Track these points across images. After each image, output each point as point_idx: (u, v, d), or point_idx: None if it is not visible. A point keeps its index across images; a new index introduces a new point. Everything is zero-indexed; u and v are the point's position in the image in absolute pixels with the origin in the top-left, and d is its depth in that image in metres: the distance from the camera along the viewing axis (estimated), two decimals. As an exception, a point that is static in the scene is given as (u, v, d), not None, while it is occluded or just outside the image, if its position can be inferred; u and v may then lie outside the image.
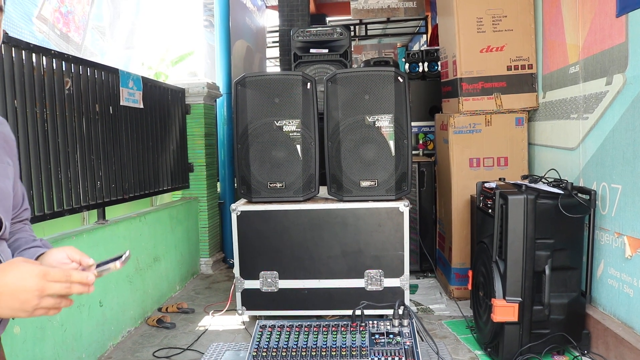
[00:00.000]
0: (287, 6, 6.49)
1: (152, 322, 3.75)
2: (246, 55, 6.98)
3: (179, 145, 4.90)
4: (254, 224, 3.52)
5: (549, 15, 3.69)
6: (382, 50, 11.12)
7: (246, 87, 3.51)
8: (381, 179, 3.46)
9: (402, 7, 7.36)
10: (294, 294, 3.53)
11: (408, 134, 3.45)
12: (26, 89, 2.73)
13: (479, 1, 3.93)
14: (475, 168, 4.01)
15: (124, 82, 3.80)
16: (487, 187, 3.19)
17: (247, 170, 3.56)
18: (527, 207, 2.84)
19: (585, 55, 3.18)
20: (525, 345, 2.88)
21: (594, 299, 3.08)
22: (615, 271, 2.88)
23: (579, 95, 3.26)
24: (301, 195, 3.53)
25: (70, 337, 2.95)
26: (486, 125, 3.98)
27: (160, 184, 4.50)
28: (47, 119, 2.91)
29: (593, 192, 2.93)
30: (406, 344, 1.75)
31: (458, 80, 3.98)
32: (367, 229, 3.46)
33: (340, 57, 4.42)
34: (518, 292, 2.86)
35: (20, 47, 2.70)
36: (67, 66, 3.13)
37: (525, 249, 2.85)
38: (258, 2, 8.31)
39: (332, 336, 1.81)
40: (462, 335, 3.42)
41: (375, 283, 3.46)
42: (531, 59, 3.92)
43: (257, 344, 1.79)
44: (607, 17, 2.92)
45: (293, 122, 3.49)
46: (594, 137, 3.09)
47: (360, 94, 3.43)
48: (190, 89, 5.06)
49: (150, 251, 4.08)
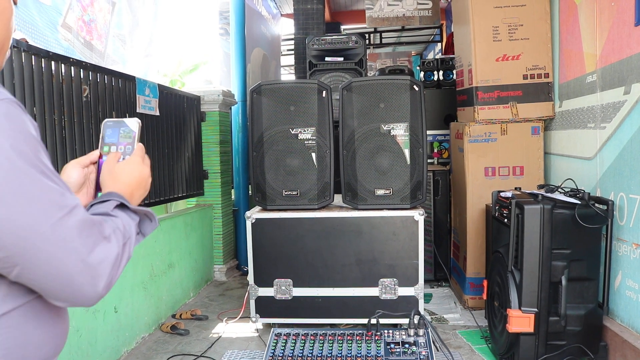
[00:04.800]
0: (303, 14, 6.52)
1: (166, 329, 3.76)
2: (262, 63, 7.02)
3: (194, 152, 4.93)
4: (269, 231, 3.53)
5: (565, 24, 3.67)
6: (397, 58, 11.12)
7: (262, 94, 3.53)
8: (396, 188, 3.45)
9: (417, 15, 7.36)
10: (308, 302, 3.52)
11: (423, 142, 3.44)
12: (45, 96, 2.76)
13: (495, 10, 3.92)
14: (491, 177, 3.99)
15: (141, 90, 3.83)
16: (503, 197, 3.17)
17: (262, 177, 3.56)
18: (544, 217, 2.82)
19: (603, 64, 3.15)
20: (541, 356, 2.85)
21: (612, 311, 3.04)
22: (633, 283, 2.84)
23: (596, 104, 3.24)
24: (316, 203, 3.53)
25: (85, 342, 2.97)
26: (502, 134, 3.96)
27: (175, 191, 4.52)
28: (65, 125, 2.94)
29: (610, 202, 2.89)
30: (422, 353, 1.74)
31: (474, 89, 3.97)
32: (382, 238, 3.45)
33: (355, 65, 4.42)
34: (534, 303, 2.83)
35: (40, 55, 2.74)
36: (85, 74, 3.16)
37: (542, 259, 2.82)
38: (273, 10, 8.36)
39: (347, 345, 1.81)
40: (477, 345, 3.39)
41: (390, 292, 3.45)
42: (547, 67, 3.90)
43: (272, 352, 1.79)
44: (625, 25, 2.89)
45: (308, 130, 3.50)
46: (611, 147, 3.06)
47: (376, 103, 3.43)
48: (205, 96, 5.09)
49: (164, 258, 4.10)
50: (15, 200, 0.84)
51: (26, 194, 0.85)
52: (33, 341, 0.95)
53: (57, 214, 0.88)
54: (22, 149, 0.85)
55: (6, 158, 0.83)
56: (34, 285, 0.90)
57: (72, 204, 0.91)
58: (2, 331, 0.90)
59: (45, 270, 0.87)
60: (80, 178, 1.20)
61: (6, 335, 0.90)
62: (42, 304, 0.96)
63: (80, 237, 0.90)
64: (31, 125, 0.91)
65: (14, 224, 0.84)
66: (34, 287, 0.90)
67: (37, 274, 0.88)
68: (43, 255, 0.87)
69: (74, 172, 1.20)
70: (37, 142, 0.90)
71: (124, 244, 1.00)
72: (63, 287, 0.90)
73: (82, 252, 0.90)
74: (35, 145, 0.89)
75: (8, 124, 0.85)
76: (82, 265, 0.90)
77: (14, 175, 0.84)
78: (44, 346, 0.97)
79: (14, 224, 0.84)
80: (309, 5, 6.50)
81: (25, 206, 0.85)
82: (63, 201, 0.90)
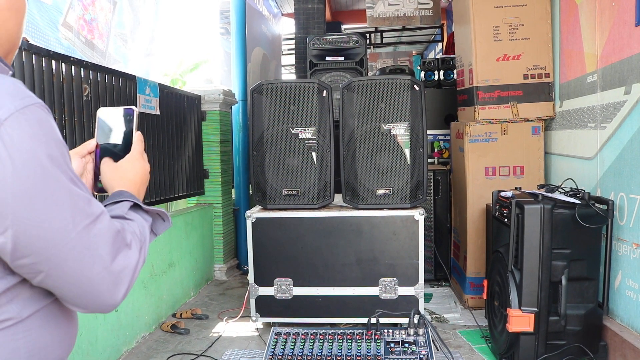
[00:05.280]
0: (303, 14, 6.53)
1: (167, 328, 3.77)
2: (262, 62, 7.02)
3: (194, 151, 4.93)
4: (269, 231, 3.53)
5: (566, 24, 3.67)
6: (398, 58, 11.13)
7: (262, 94, 3.53)
8: (396, 187, 3.45)
9: (418, 15, 7.35)
10: (308, 301, 3.53)
11: (424, 142, 3.44)
12: (45, 95, 2.76)
13: (496, 10, 3.93)
14: (491, 177, 3.99)
15: (141, 89, 3.84)
16: (503, 196, 3.18)
17: (262, 177, 3.57)
18: (544, 217, 2.82)
19: (604, 64, 3.15)
20: (541, 356, 2.86)
21: (612, 311, 3.05)
22: (633, 282, 2.85)
23: (596, 104, 3.24)
24: (316, 202, 3.53)
25: (86, 342, 2.97)
26: (502, 134, 3.96)
27: (176, 190, 4.52)
28: (66, 124, 2.95)
29: (611, 202, 2.90)
30: (421, 353, 1.75)
31: (474, 89, 3.97)
32: (382, 237, 3.46)
33: (356, 65, 4.43)
34: (534, 302, 2.84)
35: (40, 54, 2.74)
36: (86, 73, 3.17)
37: (542, 258, 2.82)
38: (274, 9, 8.36)
39: (347, 344, 1.81)
40: (477, 345, 3.39)
41: (390, 291, 3.45)
42: (548, 67, 3.90)
43: (272, 351, 1.79)
44: (626, 26, 2.90)
45: (309, 130, 3.50)
46: (611, 147, 3.06)
47: (376, 102, 3.43)
48: (206, 95, 5.09)
49: (165, 257, 4.10)
50: (46, 207, 0.84)
51: (57, 201, 0.85)
52: (52, 343, 0.96)
53: (83, 222, 0.88)
54: (53, 155, 0.85)
55: (39, 164, 0.83)
56: (56, 291, 0.91)
57: (97, 212, 0.92)
58: (25, 334, 0.91)
59: (69, 277, 0.88)
60: (79, 168, 1.20)
61: (29, 337, 0.91)
62: (58, 306, 0.97)
63: (105, 245, 0.91)
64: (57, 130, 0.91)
65: (43, 230, 0.84)
66: (55, 292, 0.91)
67: (61, 280, 0.88)
68: (68, 263, 0.87)
69: (73, 162, 1.19)
70: (65, 148, 0.90)
71: (140, 249, 1.01)
72: (85, 294, 0.91)
73: (106, 260, 0.91)
74: (64, 151, 0.89)
75: (41, 130, 0.85)
76: (105, 274, 0.90)
77: (46, 182, 0.84)
78: (59, 347, 0.98)
79: (44, 231, 0.84)
80: (309, 5, 6.50)
81: (56, 213, 0.85)
82: (90, 208, 0.90)
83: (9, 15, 0.97)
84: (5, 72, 0.97)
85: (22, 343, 0.90)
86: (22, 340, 0.90)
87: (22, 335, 0.90)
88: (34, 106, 0.85)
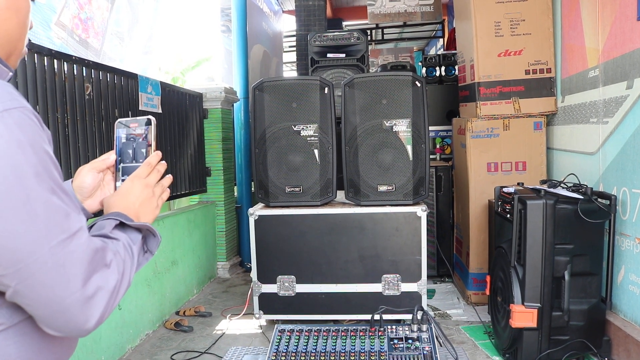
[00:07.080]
0: (304, 11, 6.52)
1: (170, 326, 3.78)
2: (263, 59, 7.02)
3: (196, 149, 4.93)
4: (272, 228, 3.53)
5: (567, 18, 3.66)
6: (399, 54, 11.10)
7: (264, 91, 3.53)
8: (399, 184, 3.45)
9: (419, 11, 7.34)
10: (311, 298, 3.53)
11: (426, 138, 3.44)
12: (48, 94, 2.77)
13: (497, 5, 3.92)
14: (493, 173, 3.99)
15: (143, 87, 3.84)
16: (506, 192, 3.18)
17: (264, 174, 3.57)
18: (546, 212, 2.82)
19: (605, 59, 3.15)
20: (544, 351, 2.86)
21: (615, 306, 3.05)
22: (636, 277, 2.85)
23: (598, 99, 3.24)
24: (318, 199, 3.54)
25: (90, 339, 2.98)
26: (504, 129, 3.96)
27: (178, 188, 4.53)
28: (68, 123, 2.95)
29: (613, 197, 2.89)
30: (425, 349, 1.75)
31: (476, 85, 3.97)
32: (385, 234, 3.46)
33: (357, 62, 4.43)
34: (537, 298, 2.84)
35: (42, 53, 2.74)
36: (88, 72, 3.17)
37: (544, 254, 2.82)
38: (275, 7, 8.36)
39: (350, 341, 1.82)
40: (480, 340, 3.39)
41: (393, 288, 3.45)
42: (550, 62, 3.89)
43: (275, 348, 1.79)
44: (627, 20, 2.89)
45: (310, 127, 3.50)
46: (614, 142, 3.06)
47: (378, 99, 3.42)
48: (207, 93, 5.09)
49: (168, 255, 4.11)
50: (16, 217, 0.79)
51: (29, 211, 0.80)
52: (45, 348, 0.94)
53: (59, 237, 0.84)
54: (31, 162, 0.81)
55: (12, 171, 0.79)
56: (28, 309, 0.86)
57: (75, 228, 0.87)
58: (17, 339, 0.89)
59: (38, 296, 0.83)
60: (95, 182, 1.18)
61: (21, 342, 0.89)
62: None
63: (81, 264, 0.86)
64: (45, 136, 0.87)
65: (11, 241, 0.79)
66: (28, 311, 0.86)
67: (30, 297, 0.83)
68: (38, 279, 0.82)
69: (89, 176, 1.18)
70: (49, 156, 0.86)
71: (122, 270, 0.95)
72: (55, 314, 0.85)
73: (78, 280, 0.85)
74: (46, 159, 0.85)
75: (21, 134, 0.81)
76: (77, 295, 0.85)
77: (17, 190, 0.79)
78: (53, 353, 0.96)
79: (12, 242, 0.79)
80: (310, 2, 6.50)
81: (27, 224, 0.80)
82: (67, 223, 0.85)
83: (8, 15, 0.94)
84: (5, 74, 0.95)
85: (14, 349, 0.88)
86: (13, 345, 0.88)
87: (13, 340, 0.88)
88: (17, 110, 0.81)
